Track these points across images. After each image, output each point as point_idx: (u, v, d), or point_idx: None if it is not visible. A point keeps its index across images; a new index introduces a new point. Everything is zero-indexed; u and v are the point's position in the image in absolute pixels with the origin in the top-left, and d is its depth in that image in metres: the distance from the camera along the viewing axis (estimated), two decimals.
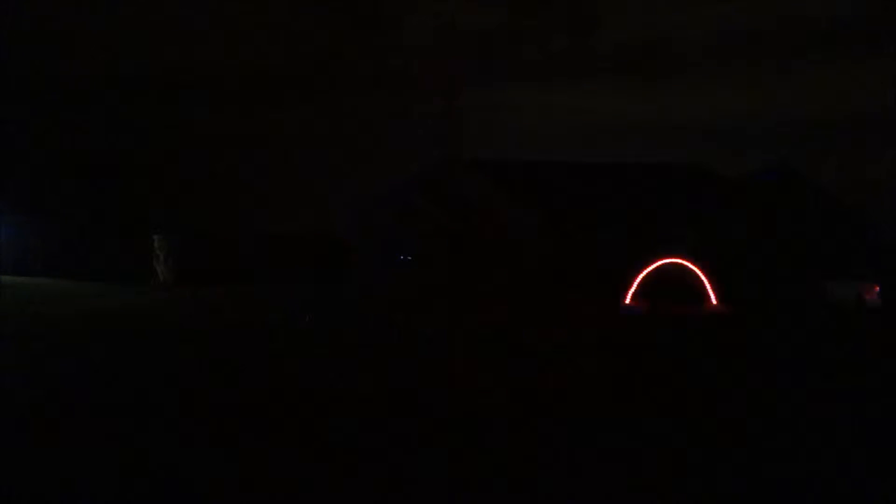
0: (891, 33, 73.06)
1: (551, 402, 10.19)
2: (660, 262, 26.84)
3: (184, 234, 32.82)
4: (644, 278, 26.75)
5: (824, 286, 27.44)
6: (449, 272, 30.04)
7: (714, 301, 25.58)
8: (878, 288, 24.34)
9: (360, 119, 68.83)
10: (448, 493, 6.41)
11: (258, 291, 28.06)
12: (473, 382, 11.38)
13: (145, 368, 12.15)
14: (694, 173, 37.56)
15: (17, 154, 35.87)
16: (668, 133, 68.68)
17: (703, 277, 26.96)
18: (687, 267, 27.14)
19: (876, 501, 6.56)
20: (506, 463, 7.23)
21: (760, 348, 15.63)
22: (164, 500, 6.20)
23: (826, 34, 73.42)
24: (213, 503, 6.20)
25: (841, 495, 6.61)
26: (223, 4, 72.59)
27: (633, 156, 66.13)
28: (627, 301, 26.28)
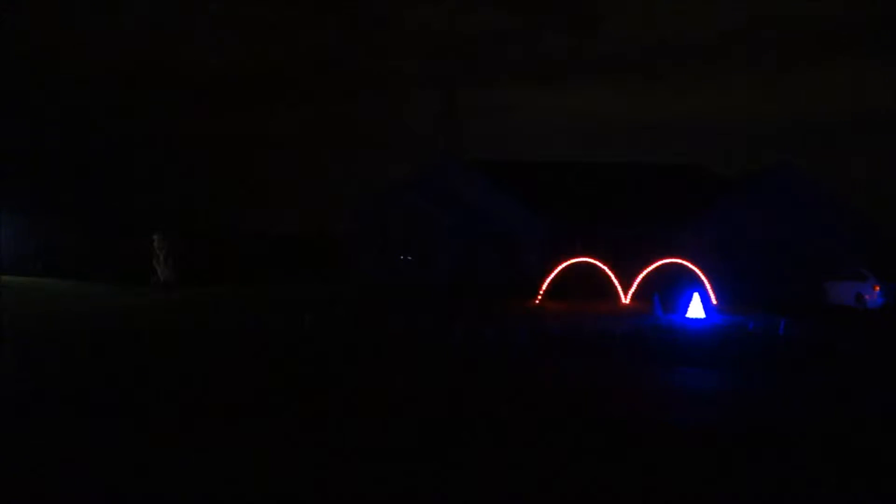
0: (891, 33, 73.06)
1: (553, 409, 10.18)
2: (660, 262, 26.86)
3: (184, 234, 32.85)
4: (644, 278, 26.80)
5: (824, 286, 27.43)
6: (449, 272, 30.05)
7: (713, 301, 25.60)
8: (878, 288, 24.32)
9: (361, 119, 68.90)
10: (446, 494, 6.42)
11: (258, 291, 28.08)
12: (474, 383, 11.39)
13: (145, 369, 12.15)
14: (694, 173, 37.56)
15: (17, 154, 35.90)
16: (668, 133, 68.80)
17: (703, 277, 26.99)
18: (687, 267, 27.16)
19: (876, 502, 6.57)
20: (507, 463, 7.24)
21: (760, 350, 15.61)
22: (163, 500, 6.20)
23: (826, 34, 73.50)
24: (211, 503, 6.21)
25: (841, 497, 6.61)
26: (224, 5, 72.65)
27: (634, 156, 66.29)
28: (627, 301, 26.32)
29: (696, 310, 21.54)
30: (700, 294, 22.76)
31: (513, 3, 79.14)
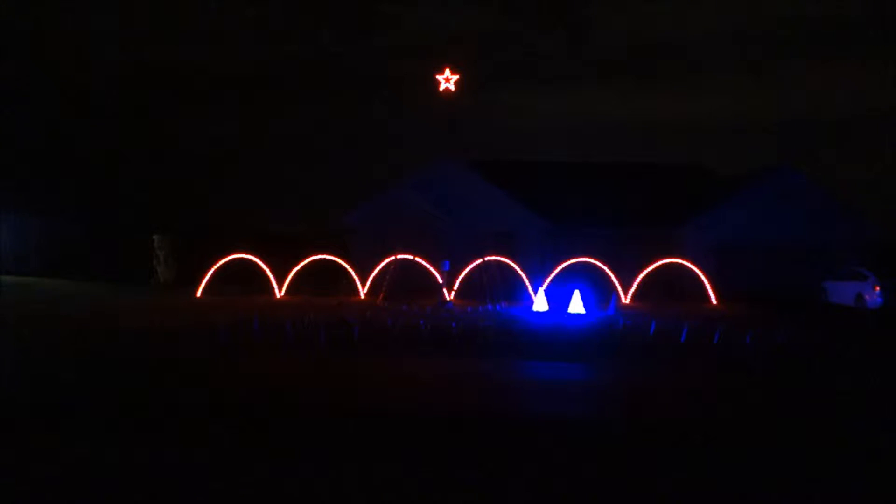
0: (891, 33, 73.02)
1: (552, 406, 10.19)
2: (660, 262, 26.88)
3: (184, 234, 32.84)
4: (643, 278, 26.84)
5: (824, 286, 27.44)
6: (449, 272, 30.00)
7: (714, 301, 25.57)
8: (878, 288, 24.34)
9: (361, 119, 68.97)
10: (436, 492, 6.43)
11: (258, 290, 28.12)
12: (473, 381, 11.40)
13: (145, 370, 12.16)
14: (694, 173, 37.57)
15: (17, 154, 35.93)
16: (669, 133, 68.82)
17: (702, 277, 27.00)
18: (686, 267, 27.18)
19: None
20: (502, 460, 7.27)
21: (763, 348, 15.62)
22: (161, 500, 6.21)
23: (826, 34, 73.48)
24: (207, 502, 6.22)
25: (840, 497, 6.62)
26: (222, 5, 72.68)
27: (634, 156, 66.32)
28: (627, 300, 26.34)
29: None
30: (696, 289, 22.83)
31: (512, 3, 79.12)
